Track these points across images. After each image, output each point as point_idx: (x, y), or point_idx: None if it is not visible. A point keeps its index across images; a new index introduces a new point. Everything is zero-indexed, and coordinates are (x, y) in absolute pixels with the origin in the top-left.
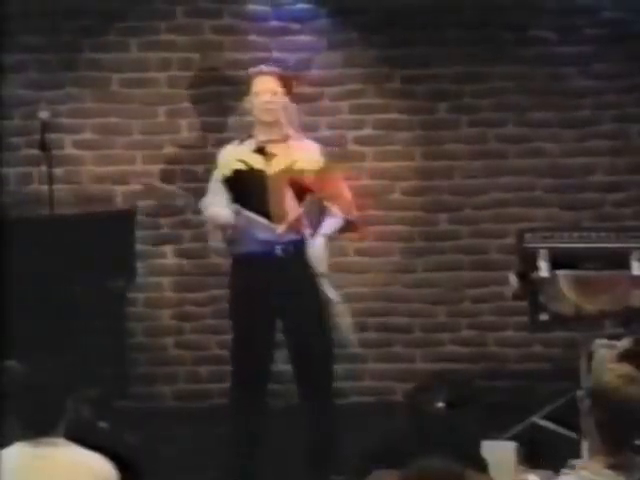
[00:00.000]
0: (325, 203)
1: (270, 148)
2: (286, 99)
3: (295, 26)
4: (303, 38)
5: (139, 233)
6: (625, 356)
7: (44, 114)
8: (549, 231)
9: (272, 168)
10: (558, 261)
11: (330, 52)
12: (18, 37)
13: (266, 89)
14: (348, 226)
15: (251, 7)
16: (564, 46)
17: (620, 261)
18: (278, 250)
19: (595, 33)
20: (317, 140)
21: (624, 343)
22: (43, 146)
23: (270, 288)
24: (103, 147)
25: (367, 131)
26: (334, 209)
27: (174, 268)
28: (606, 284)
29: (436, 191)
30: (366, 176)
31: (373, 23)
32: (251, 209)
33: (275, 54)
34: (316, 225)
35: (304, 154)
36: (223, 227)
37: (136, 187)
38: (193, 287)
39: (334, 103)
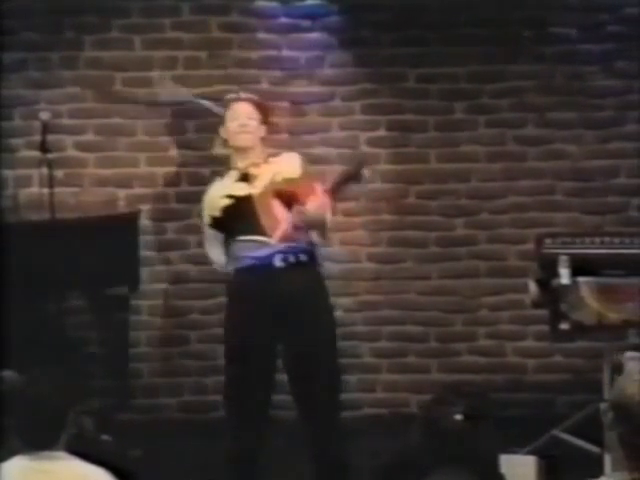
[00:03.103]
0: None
1: (251, 171)
2: (261, 128)
3: (305, 23)
4: (314, 36)
5: (143, 238)
6: None
7: (45, 115)
8: (570, 236)
9: (256, 189)
10: (579, 268)
11: (342, 50)
12: (17, 35)
13: (242, 113)
14: (323, 225)
15: (260, 3)
16: (586, 44)
17: None
18: (277, 260)
19: (618, 30)
20: (328, 141)
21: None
22: (43, 148)
23: (270, 300)
24: (105, 149)
25: (380, 132)
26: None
27: (180, 275)
28: (630, 292)
29: (452, 195)
30: (379, 179)
31: (386, 20)
32: (246, 234)
33: (285, 52)
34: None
35: (283, 166)
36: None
37: (140, 190)
38: (199, 294)
39: (346, 103)
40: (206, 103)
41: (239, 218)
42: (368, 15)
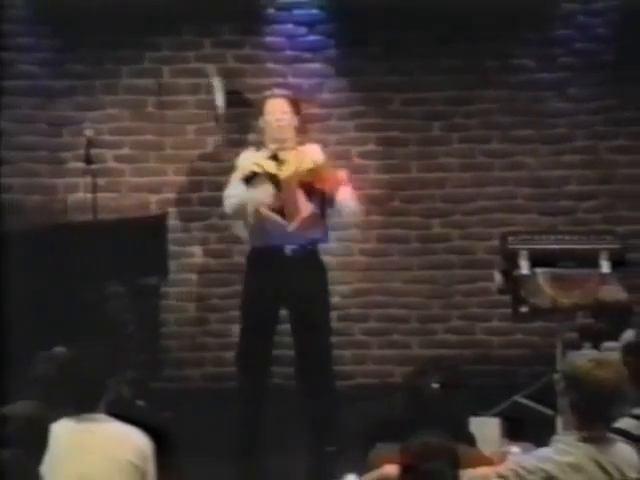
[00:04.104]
0: (329, 194)
1: (282, 155)
2: (295, 118)
3: (307, 55)
4: (314, 66)
5: (171, 235)
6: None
7: (89, 132)
8: (529, 234)
9: (284, 172)
10: (537, 260)
11: (338, 78)
12: (65, 66)
13: (277, 109)
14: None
15: (269, 39)
16: (543, 73)
17: (591, 260)
18: (288, 250)
19: (569, 62)
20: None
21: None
22: (88, 160)
23: (277, 283)
24: (139, 161)
25: (370, 147)
26: (338, 198)
27: (202, 266)
28: (578, 280)
29: (430, 199)
30: (369, 186)
31: (376, 53)
32: (267, 209)
33: (290, 79)
34: (324, 227)
35: (308, 156)
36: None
37: (168, 195)
38: (218, 283)
39: (341, 122)
40: None
41: (263, 191)
42: (361, 48)
